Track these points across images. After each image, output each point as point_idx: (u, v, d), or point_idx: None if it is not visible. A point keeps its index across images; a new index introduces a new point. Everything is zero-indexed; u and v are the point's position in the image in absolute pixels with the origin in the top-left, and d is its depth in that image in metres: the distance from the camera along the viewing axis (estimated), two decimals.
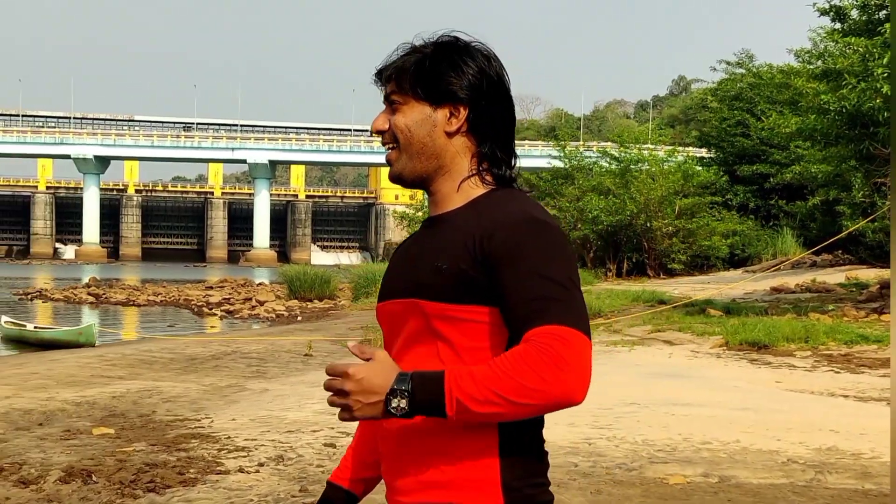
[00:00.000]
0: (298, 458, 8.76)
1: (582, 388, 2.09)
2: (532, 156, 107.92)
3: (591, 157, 50.16)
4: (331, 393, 2.18)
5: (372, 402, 2.15)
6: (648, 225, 42.09)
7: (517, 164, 2.48)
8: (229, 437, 9.74)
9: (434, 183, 2.43)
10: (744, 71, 49.59)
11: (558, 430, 9.85)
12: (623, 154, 45.92)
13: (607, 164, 47.14)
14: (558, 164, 49.33)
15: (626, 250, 44.09)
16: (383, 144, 2.45)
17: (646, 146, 47.87)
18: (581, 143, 65.34)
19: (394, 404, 2.13)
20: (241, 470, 8.33)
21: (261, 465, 8.54)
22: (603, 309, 24.63)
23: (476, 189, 2.40)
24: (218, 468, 8.43)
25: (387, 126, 2.41)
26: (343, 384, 2.16)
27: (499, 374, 2.09)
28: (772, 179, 41.44)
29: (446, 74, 2.38)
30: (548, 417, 7.49)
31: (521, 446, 2.30)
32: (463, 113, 2.38)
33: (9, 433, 10.23)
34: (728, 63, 51.82)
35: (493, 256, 2.21)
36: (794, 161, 36.06)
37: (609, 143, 59.14)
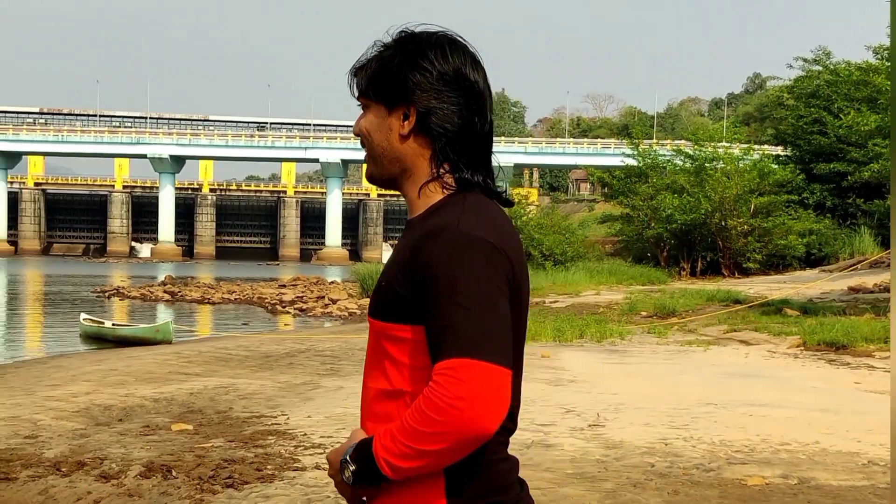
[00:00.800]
0: None
1: (486, 418, 2.02)
2: (605, 154, 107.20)
3: (665, 155, 49.72)
4: None
5: (340, 479, 2.24)
6: (723, 224, 41.65)
7: (497, 164, 2.43)
8: (305, 434, 9.80)
9: (402, 186, 2.36)
10: (821, 68, 48.81)
11: (634, 430, 9.80)
12: (698, 152, 45.48)
13: (681, 163, 46.72)
14: (632, 162, 48.98)
15: (700, 249, 43.67)
16: (361, 146, 2.40)
17: (721, 144, 47.35)
18: (654, 140, 64.83)
19: (345, 476, 2.19)
20: (317, 467, 8.38)
21: None
22: (677, 308, 24.44)
23: (435, 195, 2.30)
24: (295, 465, 8.49)
25: (358, 129, 2.39)
26: (328, 472, 2.28)
27: (406, 426, 2.07)
28: (849, 178, 40.77)
29: (397, 75, 2.28)
30: (623, 418, 7.51)
31: (469, 468, 2.19)
32: (413, 115, 2.29)
33: (90, 428, 10.40)
34: (805, 60, 51.02)
35: (417, 274, 2.14)
36: (873, 159, 35.51)
37: (683, 141, 58.67)
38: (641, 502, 7.24)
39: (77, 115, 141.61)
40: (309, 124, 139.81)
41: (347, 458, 2.18)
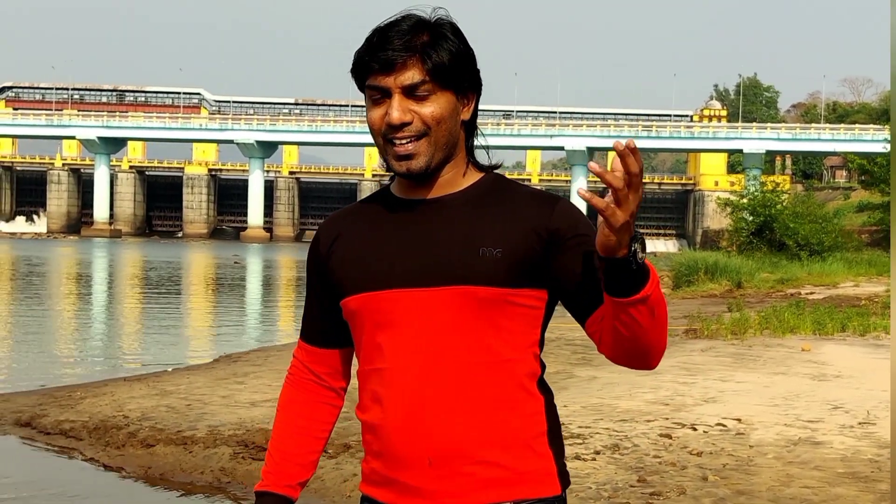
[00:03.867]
0: (634, 448, 8.64)
1: None
2: (864, 140, 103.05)
3: None
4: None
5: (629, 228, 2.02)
6: None
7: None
8: (563, 424, 9.71)
9: (442, 170, 2.35)
10: None
11: None
12: None
13: None
14: None
15: None
16: (400, 137, 2.26)
17: None
18: None
19: (639, 253, 2.03)
20: (577, 457, 8.30)
21: (597, 452, 8.48)
22: None
23: (474, 173, 2.41)
24: None
25: (411, 117, 2.25)
26: (638, 189, 2.00)
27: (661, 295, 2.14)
28: None
29: (467, 60, 2.32)
30: None
31: (559, 430, 2.34)
32: (472, 99, 2.38)
33: (352, 411, 10.61)
34: None
35: (560, 238, 2.24)
36: None
37: None
38: None
39: (330, 105, 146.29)
40: (555, 112, 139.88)
41: (642, 243, 2.06)
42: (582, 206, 2.34)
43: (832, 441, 8.92)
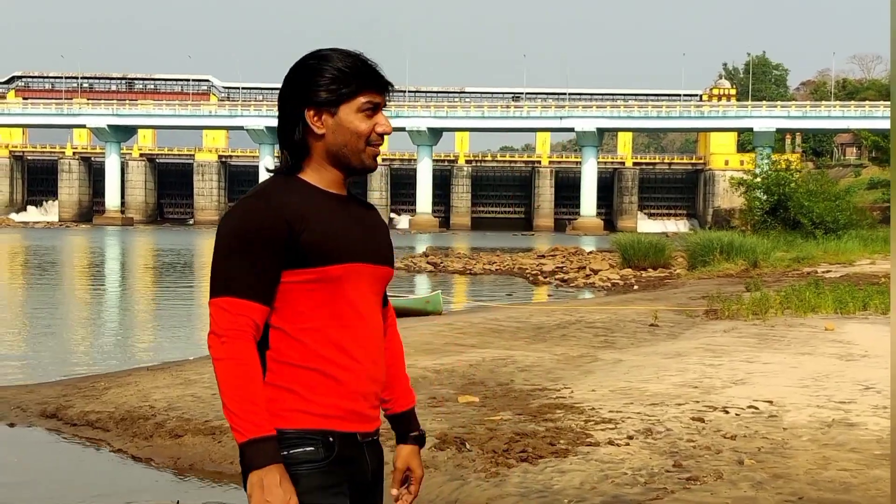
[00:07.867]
0: (667, 432, 8.57)
1: None
2: (874, 117, 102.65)
3: None
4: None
5: None
6: None
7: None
8: (593, 409, 9.66)
9: None
10: None
11: None
12: None
13: None
14: None
15: None
16: (381, 142, 2.93)
17: None
18: None
19: None
20: (610, 442, 8.24)
21: (630, 437, 8.41)
22: None
23: None
24: (587, 440, 8.36)
25: None
26: None
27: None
28: None
29: None
30: None
31: None
32: None
33: None
34: None
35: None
36: None
37: None
38: None
39: None
40: (564, 93, 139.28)
41: None
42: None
43: (866, 422, 8.84)
